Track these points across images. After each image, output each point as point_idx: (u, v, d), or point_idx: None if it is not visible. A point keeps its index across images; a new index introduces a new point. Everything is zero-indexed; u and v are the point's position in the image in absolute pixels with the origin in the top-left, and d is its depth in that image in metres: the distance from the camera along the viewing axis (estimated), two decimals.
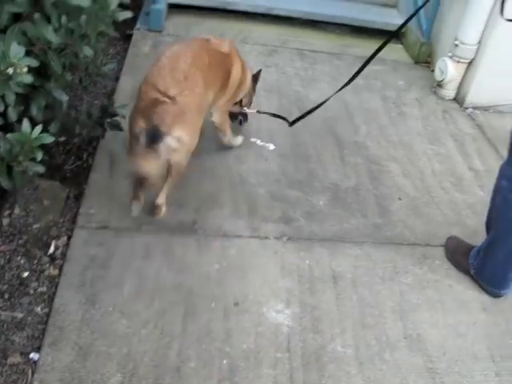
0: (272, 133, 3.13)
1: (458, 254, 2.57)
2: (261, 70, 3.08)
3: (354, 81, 3.72)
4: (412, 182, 2.98)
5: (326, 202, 2.73)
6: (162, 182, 2.37)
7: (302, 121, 3.08)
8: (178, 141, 2.21)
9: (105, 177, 2.63)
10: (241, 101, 2.93)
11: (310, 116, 3.27)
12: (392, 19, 4.52)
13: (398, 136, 3.34)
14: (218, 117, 2.72)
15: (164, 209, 2.46)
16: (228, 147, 2.92)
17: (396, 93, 3.78)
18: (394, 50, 4.35)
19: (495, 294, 2.47)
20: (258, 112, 3.02)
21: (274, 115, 3.01)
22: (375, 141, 3.26)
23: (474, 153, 3.34)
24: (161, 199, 2.42)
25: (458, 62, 3.65)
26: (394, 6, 4.69)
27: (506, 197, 2.30)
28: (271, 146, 3.02)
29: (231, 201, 2.63)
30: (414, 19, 4.24)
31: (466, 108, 3.75)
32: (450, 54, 3.68)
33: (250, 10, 4.35)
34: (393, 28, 4.46)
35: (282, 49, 4.04)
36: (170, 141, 2.18)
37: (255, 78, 3.01)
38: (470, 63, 3.68)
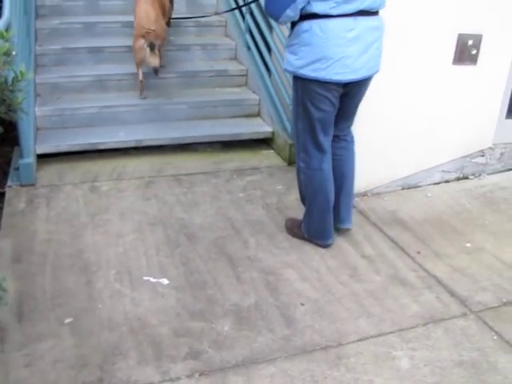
0: (163, 267, 3.09)
1: (295, 228, 3.40)
2: None
3: (235, 195, 3.87)
4: (310, 284, 3.00)
5: (231, 325, 2.68)
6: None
7: (193, 247, 3.24)
8: (158, 46, 4.55)
9: None
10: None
11: (199, 240, 3.32)
12: (259, 128, 4.74)
13: (288, 241, 3.39)
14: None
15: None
16: None
17: (277, 198, 3.87)
18: (266, 157, 4.51)
19: (325, 245, 3.32)
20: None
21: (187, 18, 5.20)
22: (266, 251, 3.28)
23: (363, 240, 3.44)
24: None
25: None
26: (257, 115, 4.91)
27: (305, 173, 3.20)
28: (165, 281, 2.97)
29: (135, 348, 2.53)
30: (279, 124, 4.49)
31: None
32: None
33: (120, 146, 4.41)
34: (263, 136, 4.70)
35: (158, 178, 4.07)
36: (157, 46, 4.49)
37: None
38: None
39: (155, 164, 4.30)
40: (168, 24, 5.14)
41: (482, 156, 4.38)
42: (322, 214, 3.26)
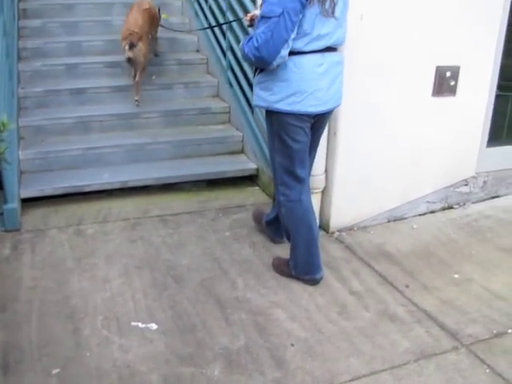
0: (151, 311, 3.05)
1: (283, 266, 3.40)
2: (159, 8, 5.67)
3: (222, 234, 3.86)
4: (300, 324, 2.98)
5: (221, 370, 2.64)
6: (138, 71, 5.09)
7: (181, 290, 3.20)
8: (139, 47, 5.00)
9: None
10: None
11: (187, 282, 3.30)
12: (243, 165, 4.75)
13: (275, 280, 3.36)
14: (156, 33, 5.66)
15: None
16: None
17: (263, 235, 3.84)
18: (252, 194, 4.51)
19: (314, 280, 3.30)
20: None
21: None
22: (254, 291, 3.26)
23: (350, 276, 3.43)
24: (137, 78, 5.08)
25: (313, 192, 3.81)
26: (241, 152, 4.93)
27: (286, 206, 3.25)
28: (154, 326, 2.93)
29: None
30: (263, 161, 4.50)
31: (333, 233, 3.90)
32: None
33: (105, 187, 4.40)
34: (247, 173, 4.71)
35: (144, 219, 4.06)
36: (137, 47, 4.98)
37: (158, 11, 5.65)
38: (323, 191, 3.89)
39: (140, 205, 4.29)
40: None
41: (466, 185, 4.41)
42: (308, 247, 3.28)
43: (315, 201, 3.86)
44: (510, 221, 4.22)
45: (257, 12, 3.20)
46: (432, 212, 4.29)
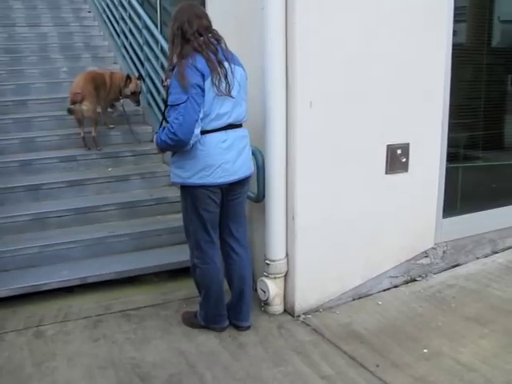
0: None
1: (192, 319, 3.75)
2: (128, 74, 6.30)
3: (186, 326, 3.76)
4: None
5: None
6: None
7: None
8: (85, 105, 5.60)
9: None
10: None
11: (153, 380, 3.20)
12: None
13: (244, 370, 3.27)
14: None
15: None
16: None
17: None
18: None
19: (222, 328, 3.68)
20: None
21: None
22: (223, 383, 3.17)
23: (319, 359, 3.37)
24: (94, 133, 5.73)
25: (275, 278, 3.82)
26: None
27: (201, 268, 3.57)
28: None
29: None
30: None
31: (298, 316, 3.85)
32: (265, 274, 3.85)
33: (64, 285, 4.29)
34: None
35: (106, 316, 3.95)
36: (83, 106, 5.59)
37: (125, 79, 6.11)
38: (285, 276, 3.87)
39: (102, 301, 4.18)
40: (136, 100, 6.24)
41: (426, 257, 4.46)
42: (218, 301, 3.63)
43: (279, 286, 3.86)
44: (472, 289, 4.25)
45: None
46: (395, 286, 4.30)
